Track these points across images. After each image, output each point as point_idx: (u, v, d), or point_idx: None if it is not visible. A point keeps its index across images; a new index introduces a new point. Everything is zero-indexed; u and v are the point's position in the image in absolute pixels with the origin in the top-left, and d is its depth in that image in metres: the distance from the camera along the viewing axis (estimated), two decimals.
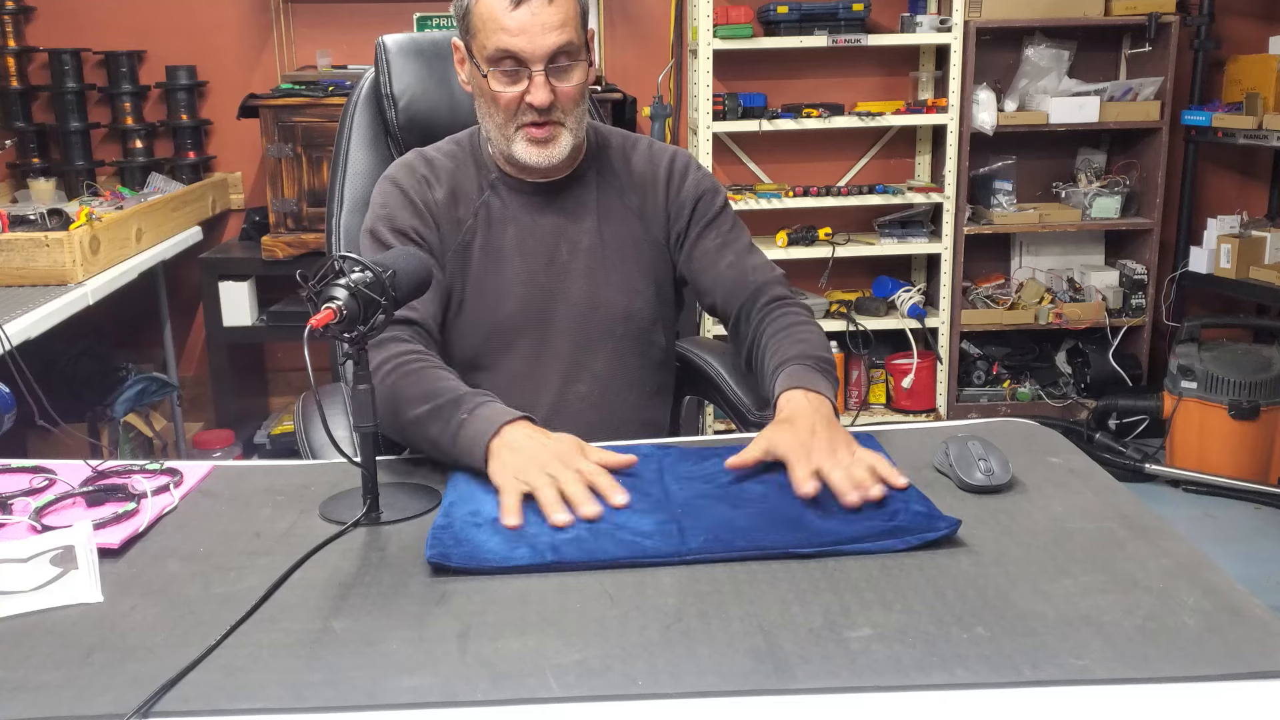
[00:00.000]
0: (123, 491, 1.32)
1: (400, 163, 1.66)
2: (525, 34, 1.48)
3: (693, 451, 1.40)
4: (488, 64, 1.51)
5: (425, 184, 1.61)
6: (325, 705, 0.91)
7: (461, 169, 1.64)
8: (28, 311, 2.31)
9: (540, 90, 1.50)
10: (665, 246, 1.70)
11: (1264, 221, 3.74)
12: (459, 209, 1.62)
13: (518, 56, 1.49)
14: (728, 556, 1.12)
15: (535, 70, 1.50)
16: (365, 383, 1.24)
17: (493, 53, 1.50)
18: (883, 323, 3.75)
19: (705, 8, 3.43)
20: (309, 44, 3.66)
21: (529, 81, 1.51)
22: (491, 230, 1.63)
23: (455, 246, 1.61)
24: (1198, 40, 3.69)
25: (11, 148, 3.50)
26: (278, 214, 3.30)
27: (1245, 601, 1.03)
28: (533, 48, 1.48)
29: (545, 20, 1.48)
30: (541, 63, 1.50)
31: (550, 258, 1.63)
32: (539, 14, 1.48)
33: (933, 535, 1.15)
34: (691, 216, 1.69)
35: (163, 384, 3.32)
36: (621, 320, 1.66)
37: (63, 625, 1.04)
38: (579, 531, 1.17)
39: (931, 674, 0.92)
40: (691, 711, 0.90)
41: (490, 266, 1.62)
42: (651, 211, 1.68)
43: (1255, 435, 3.29)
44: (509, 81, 1.51)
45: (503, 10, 1.48)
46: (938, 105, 3.64)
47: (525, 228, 1.63)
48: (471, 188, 1.64)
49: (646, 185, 1.69)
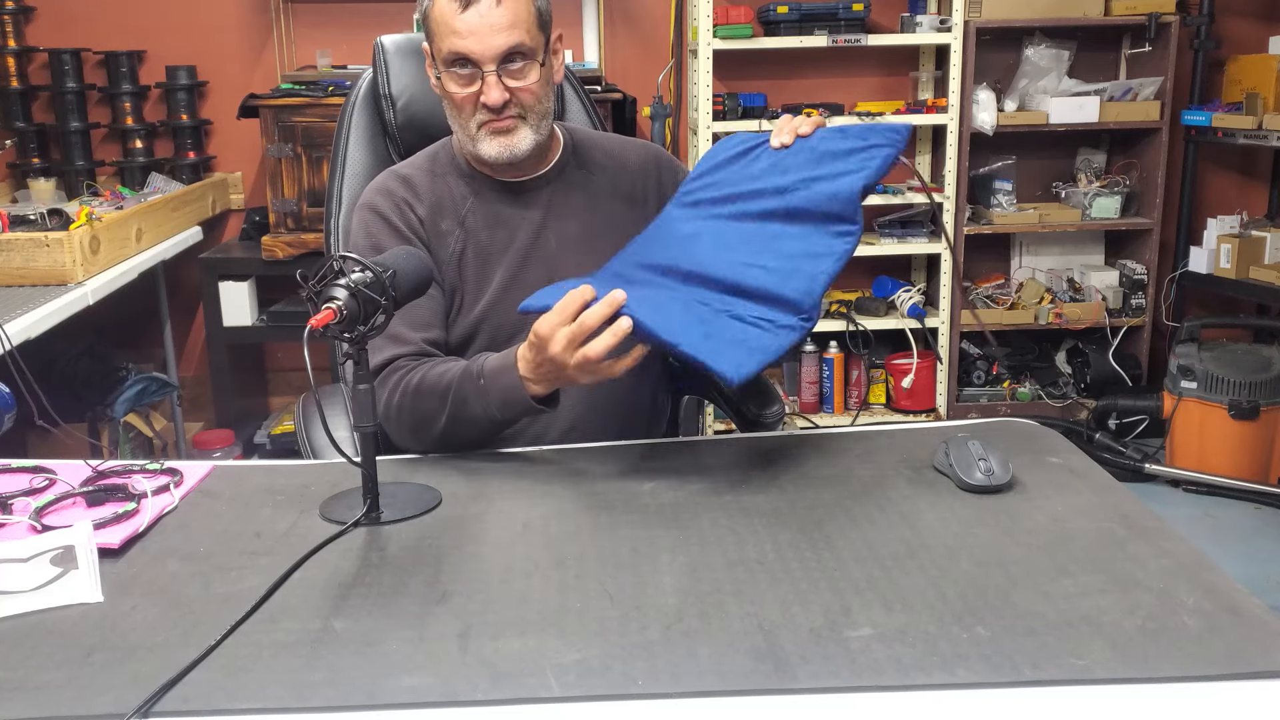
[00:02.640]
0: (123, 491, 1.32)
1: (375, 188, 1.66)
2: (474, 35, 1.51)
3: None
4: (443, 65, 1.55)
5: (406, 206, 1.63)
6: (325, 705, 0.91)
7: (440, 180, 1.65)
8: (28, 311, 2.31)
9: (493, 90, 1.54)
10: None
11: (1264, 221, 3.74)
12: (444, 221, 1.63)
13: (469, 58, 1.53)
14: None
15: (487, 71, 1.53)
16: (365, 383, 1.25)
17: (446, 55, 1.54)
18: (883, 323, 3.75)
19: (705, 8, 3.43)
20: (309, 44, 3.66)
21: (482, 82, 1.54)
22: (479, 234, 1.63)
23: (448, 259, 1.62)
24: (1198, 40, 3.69)
25: (11, 148, 3.50)
26: (278, 214, 3.30)
27: (1245, 601, 1.03)
28: (482, 49, 1.52)
29: (493, 22, 1.51)
30: (493, 63, 1.53)
31: (541, 252, 1.64)
32: (486, 16, 1.51)
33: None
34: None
35: (163, 384, 3.32)
36: None
37: (63, 625, 1.04)
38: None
39: (931, 674, 0.92)
40: (691, 711, 0.90)
41: (483, 269, 1.63)
42: (641, 200, 1.71)
43: (1255, 435, 3.29)
44: (464, 82, 1.55)
45: (452, 13, 1.52)
46: (938, 105, 3.64)
47: (513, 227, 1.64)
48: (453, 197, 1.65)
49: (634, 175, 1.72)
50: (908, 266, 3.99)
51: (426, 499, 1.30)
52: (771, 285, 1.38)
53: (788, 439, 1.51)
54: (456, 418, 1.44)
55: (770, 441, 1.51)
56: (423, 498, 1.31)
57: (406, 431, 1.49)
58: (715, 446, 1.49)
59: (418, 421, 1.47)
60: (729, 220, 1.49)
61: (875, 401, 3.87)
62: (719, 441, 1.52)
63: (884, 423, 3.61)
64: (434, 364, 1.51)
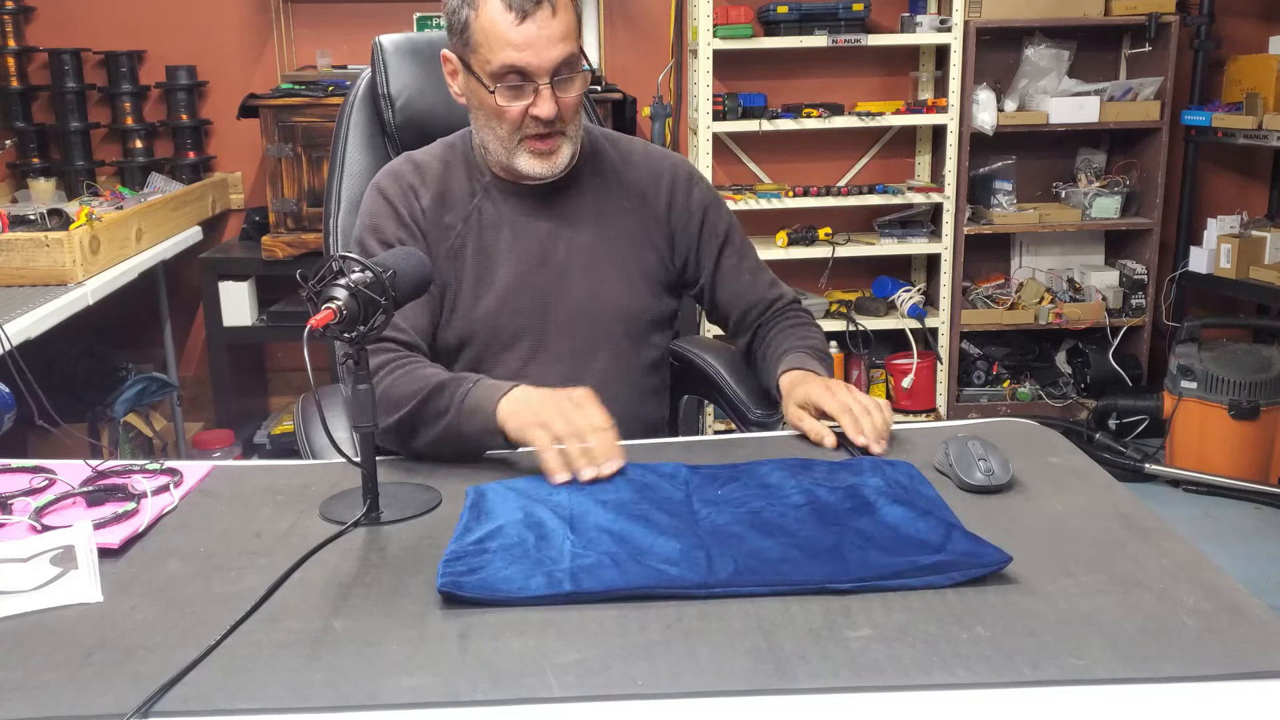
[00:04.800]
0: (123, 491, 1.32)
1: (388, 170, 1.66)
2: (532, 48, 1.48)
3: (721, 471, 1.33)
4: (492, 79, 1.51)
5: (411, 192, 1.61)
6: (325, 705, 0.91)
7: (451, 172, 1.64)
8: (28, 311, 2.31)
9: (546, 103, 1.51)
10: (666, 249, 1.70)
11: (1264, 221, 3.74)
12: (447, 214, 1.62)
13: (524, 71, 1.50)
14: (757, 591, 1.05)
15: (542, 84, 1.50)
16: (365, 383, 1.25)
17: (498, 68, 1.50)
18: (883, 323, 3.75)
19: (705, 8, 3.43)
20: (309, 44, 3.65)
21: (535, 95, 1.51)
22: (485, 234, 1.63)
23: (445, 252, 1.61)
24: (1198, 40, 3.69)
25: (11, 148, 3.50)
26: (278, 214, 3.30)
27: (1245, 601, 1.03)
28: (539, 61, 1.49)
29: (550, 33, 1.48)
30: (548, 76, 1.50)
31: (547, 258, 1.63)
32: (544, 27, 1.48)
33: (979, 572, 1.07)
34: (701, 231, 1.71)
35: (163, 384, 3.32)
36: (621, 319, 1.66)
37: (63, 625, 1.04)
38: (599, 557, 1.10)
39: (931, 674, 0.92)
40: (691, 711, 0.90)
41: (485, 269, 1.62)
42: (651, 214, 1.69)
43: (1255, 435, 3.29)
44: (514, 96, 1.52)
45: (508, 25, 1.47)
46: (938, 105, 3.64)
47: (520, 230, 1.63)
48: (463, 191, 1.64)
49: (646, 188, 1.69)
50: (908, 266, 3.99)
51: (426, 499, 1.30)
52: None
53: (788, 439, 1.51)
54: (420, 412, 1.41)
55: (770, 442, 1.51)
56: (423, 498, 1.31)
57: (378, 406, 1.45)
58: (715, 446, 1.48)
59: (388, 407, 1.43)
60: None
61: None
62: (719, 441, 1.52)
63: None
64: (423, 364, 1.50)
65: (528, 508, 1.22)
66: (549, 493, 1.27)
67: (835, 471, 1.31)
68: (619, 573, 1.08)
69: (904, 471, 1.30)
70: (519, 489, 1.27)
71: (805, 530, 1.16)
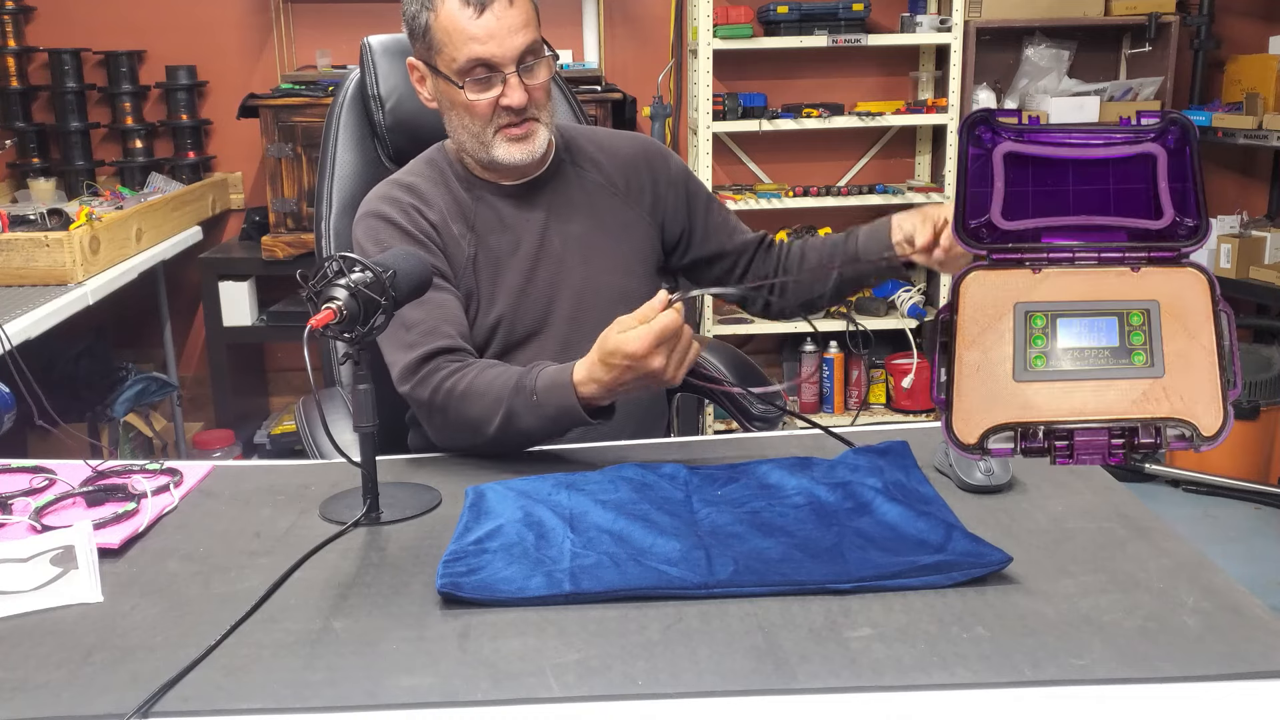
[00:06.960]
0: (123, 491, 1.32)
1: (380, 196, 1.63)
2: (494, 39, 1.51)
3: (721, 472, 1.33)
4: (460, 75, 1.53)
5: (415, 212, 1.60)
6: (325, 705, 0.91)
7: (441, 187, 1.64)
8: (28, 311, 2.31)
9: (516, 91, 1.53)
10: (655, 228, 1.73)
11: (1264, 221, 3.74)
12: (455, 226, 1.63)
13: (489, 63, 1.52)
14: (757, 591, 1.05)
15: (508, 73, 1.53)
16: (365, 382, 1.25)
17: (464, 63, 1.52)
18: (883, 323, 3.74)
19: (705, 8, 3.43)
20: (309, 44, 3.65)
21: (503, 85, 1.53)
22: (486, 239, 1.63)
23: (464, 262, 1.62)
24: (1198, 40, 3.69)
25: (11, 148, 3.50)
26: (278, 214, 3.30)
27: (1245, 601, 1.03)
28: (503, 51, 1.52)
29: (510, 23, 1.51)
30: (513, 65, 1.53)
31: (545, 252, 1.64)
32: (503, 18, 1.51)
33: (980, 572, 1.07)
34: (688, 198, 1.76)
35: (163, 384, 3.32)
36: (620, 301, 1.66)
37: (63, 625, 1.04)
38: (599, 558, 1.11)
39: (931, 674, 0.92)
40: (691, 711, 0.90)
41: (493, 274, 1.62)
42: (637, 194, 1.71)
43: (1255, 435, 3.28)
44: (483, 88, 1.54)
45: (468, 20, 1.51)
46: (938, 105, 3.64)
47: (516, 228, 1.64)
48: (459, 200, 1.64)
49: (627, 169, 1.72)
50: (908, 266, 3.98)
51: (426, 499, 1.30)
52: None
53: (788, 439, 1.51)
54: (506, 428, 1.42)
55: (770, 441, 1.51)
56: (423, 498, 1.31)
57: (448, 432, 1.48)
58: (715, 446, 1.48)
59: (462, 426, 1.45)
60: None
61: (875, 401, 3.87)
62: (719, 441, 1.52)
63: (884, 423, 3.61)
64: (479, 369, 1.48)
65: (527, 508, 1.22)
66: (549, 493, 1.27)
67: (834, 468, 1.32)
68: (619, 573, 1.08)
69: (899, 463, 1.31)
70: (519, 489, 1.27)
71: (805, 530, 1.17)
